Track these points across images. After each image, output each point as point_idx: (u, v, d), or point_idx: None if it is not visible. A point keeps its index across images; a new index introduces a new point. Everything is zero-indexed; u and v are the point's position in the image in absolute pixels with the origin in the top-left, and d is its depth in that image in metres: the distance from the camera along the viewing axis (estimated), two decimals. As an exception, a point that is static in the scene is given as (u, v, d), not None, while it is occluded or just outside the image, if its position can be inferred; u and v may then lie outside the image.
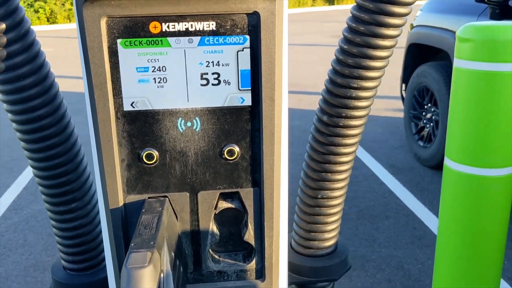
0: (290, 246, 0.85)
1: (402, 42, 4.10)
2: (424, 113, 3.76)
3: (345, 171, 0.78)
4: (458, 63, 1.34)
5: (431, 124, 3.65)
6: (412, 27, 3.83)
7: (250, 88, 0.61)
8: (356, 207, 3.10)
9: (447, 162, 1.43)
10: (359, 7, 0.68)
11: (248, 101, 0.62)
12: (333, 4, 19.50)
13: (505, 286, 2.27)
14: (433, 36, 3.44)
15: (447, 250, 1.49)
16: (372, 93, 0.72)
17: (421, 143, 3.75)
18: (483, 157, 1.35)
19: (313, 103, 5.59)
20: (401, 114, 4.41)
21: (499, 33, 1.28)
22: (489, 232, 1.42)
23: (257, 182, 0.65)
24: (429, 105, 3.67)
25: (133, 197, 0.63)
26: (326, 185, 0.78)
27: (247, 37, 0.60)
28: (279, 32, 0.60)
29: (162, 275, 0.54)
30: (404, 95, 4.05)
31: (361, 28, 0.68)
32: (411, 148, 3.90)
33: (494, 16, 2.86)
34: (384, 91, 6.09)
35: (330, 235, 0.81)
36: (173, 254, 0.59)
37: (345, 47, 0.70)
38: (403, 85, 4.05)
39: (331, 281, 0.82)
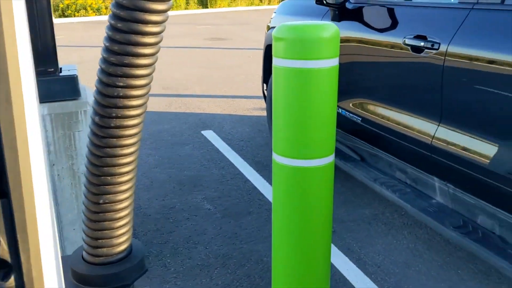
0: (82, 257, 0.81)
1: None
2: (284, 111, 3.93)
3: (127, 172, 0.76)
4: (275, 62, 1.41)
5: (291, 120, 3.83)
6: (268, 28, 3.98)
7: None
8: (221, 206, 3.13)
9: (275, 156, 1.49)
10: (117, 4, 0.66)
11: None
12: (207, 7, 19.69)
13: (353, 267, 2.45)
14: (286, 37, 3.61)
15: (281, 240, 1.56)
16: (142, 91, 0.71)
17: (283, 140, 3.92)
18: (304, 149, 1.43)
19: (184, 106, 5.56)
20: (266, 113, 4.57)
21: (308, 32, 1.37)
22: (316, 218, 1.52)
23: (5, 193, 0.60)
24: (287, 102, 3.85)
25: None
26: (108, 189, 0.75)
27: None
28: None
29: None
30: (266, 94, 4.20)
31: (119, 24, 0.66)
32: (274, 145, 4.06)
33: (334, 18, 3.08)
34: (253, 92, 6.28)
35: (119, 240, 0.78)
36: None
37: (107, 44, 0.68)
38: (264, 85, 4.20)
39: (124, 287, 0.80)
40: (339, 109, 3.10)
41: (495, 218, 2.05)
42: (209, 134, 4.57)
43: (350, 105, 2.95)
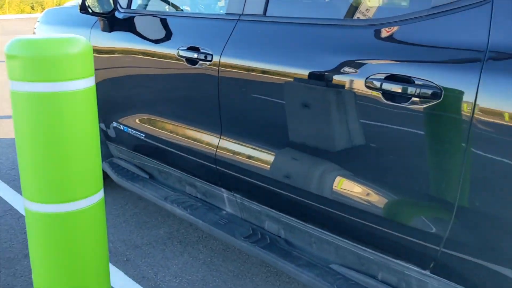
0: None
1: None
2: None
3: None
4: (12, 86, 1.13)
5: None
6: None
7: None
8: (-12, 254, 2.60)
9: (26, 203, 1.21)
10: None
11: None
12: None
13: (150, 296, 2.28)
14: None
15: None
16: None
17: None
18: (63, 191, 1.19)
19: None
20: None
21: (49, 47, 1.13)
22: (89, 265, 1.30)
23: None
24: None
25: None
26: None
27: None
28: None
29: None
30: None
31: None
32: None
33: (105, 28, 2.84)
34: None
35: None
36: None
37: None
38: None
39: None
40: (121, 126, 2.88)
41: (279, 223, 2.12)
42: (-30, 166, 3.83)
43: (136, 120, 2.76)
